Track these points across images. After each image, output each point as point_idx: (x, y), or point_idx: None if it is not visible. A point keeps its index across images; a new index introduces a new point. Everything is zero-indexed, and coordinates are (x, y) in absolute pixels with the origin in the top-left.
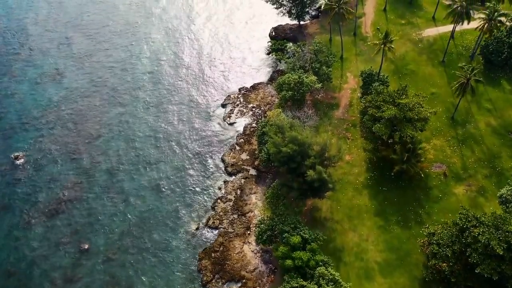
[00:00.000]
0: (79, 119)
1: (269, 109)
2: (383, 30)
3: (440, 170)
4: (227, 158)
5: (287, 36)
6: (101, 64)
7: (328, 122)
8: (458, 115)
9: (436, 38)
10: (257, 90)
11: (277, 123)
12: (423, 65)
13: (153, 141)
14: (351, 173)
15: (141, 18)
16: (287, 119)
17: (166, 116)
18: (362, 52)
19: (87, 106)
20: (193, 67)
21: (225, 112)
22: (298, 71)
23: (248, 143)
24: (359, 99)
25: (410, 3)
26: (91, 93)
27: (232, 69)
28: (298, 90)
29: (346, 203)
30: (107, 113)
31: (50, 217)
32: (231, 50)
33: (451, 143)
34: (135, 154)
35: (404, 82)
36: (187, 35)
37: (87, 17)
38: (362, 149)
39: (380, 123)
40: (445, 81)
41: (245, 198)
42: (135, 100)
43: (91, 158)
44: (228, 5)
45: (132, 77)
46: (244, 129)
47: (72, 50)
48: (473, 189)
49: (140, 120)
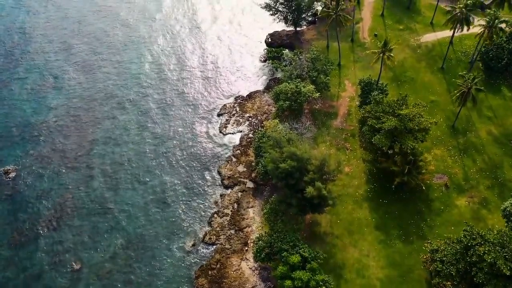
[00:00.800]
0: (72, 131)
1: (266, 118)
2: (381, 35)
3: (442, 181)
4: (223, 171)
5: (284, 42)
6: (93, 73)
7: (327, 132)
8: (459, 123)
9: (435, 43)
10: (254, 98)
11: (275, 136)
12: (422, 72)
13: (147, 154)
14: (350, 185)
15: (134, 24)
16: (284, 131)
17: (160, 127)
18: (360, 59)
19: (79, 118)
20: (188, 76)
21: (221, 122)
22: (295, 80)
23: (245, 155)
24: (357, 108)
25: (408, 8)
26: (83, 104)
27: (227, 77)
28: (296, 100)
29: (346, 216)
30: (99, 125)
31: (41, 235)
32: (226, 58)
33: (452, 153)
34: (128, 168)
35: (403, 90)
36: (181, 44)
37: (84, 23)
38: (361, 160)
39: (380, 134)
40: (445, 88)
41: (242, 212)
42: (128, 111)
43: (84, 172)
44: (223, 11)
45: (126, 87)
46: (241, 140)
47: (65, 59)
48: (475, 200)
49: (134, 132)
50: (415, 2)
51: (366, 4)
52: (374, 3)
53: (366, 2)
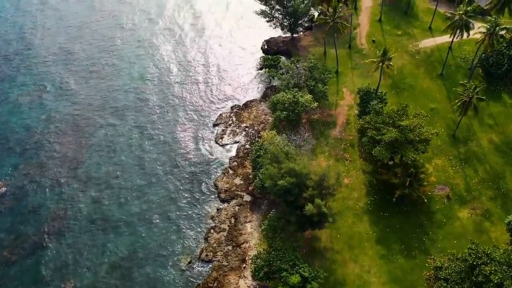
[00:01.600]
0: (63, 144)
1: (263, 128)
2: (379, 41)
3: (443, 192)
4: (220, 183)
5: (280, 49)
6: (87, 81)
7: (325, 142)
8: (460, 132)
9: (434, 49)
10: (250, 108)
11: (272, 151)
12: (421, 78)
13: (140, 167)
14: (350, 198)
15: (127, 34)
16: (282, 142)
17: (156, 138)
18: (358, 66)
19: (73, 127)
20: (183, 85)
21: (217, 132)
22: (293, 90)
23: (242, 166)
24: (356, 117)
25: (405, 12)
26: (78, 113)
27: (223, 86)
28: (293, 110)
29: (346, 230)
30: (92, 136)
31: (32, 252)
32: (222, 66)
33: (453, 163)
34: (122, 181)
35: (402, 97)
36: (176, 53)
37: (83, 29)
38: (361, 171)
39: (380, 146)
40: (445, 95)
41: (239, 228)
42: (123, 122)
43: (76, 185)
44: (218, 18)
45: (118, 97)
46: (237, 151)
47: (61, 67)
48: (478, 212)
49: (127, 143)
50: (413, 7)
51: (364, 9)
52: (372, 8)
53: (363, 7)
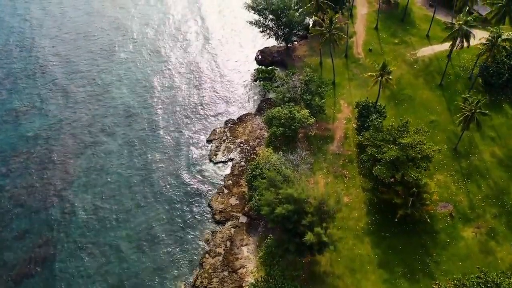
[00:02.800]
0: (50, 164)
1: (258, 144)
2: (376, 50)
3: (446, 210)
4: (214, 204)
5: (275, 59)
6: (75, 96)
7: (323, 158)
8: (461, 145)
9: (432, 58)
10: (245, 122)
11: (269, 175)
12: (420, 89)
13: (131, 186)
14: (350, 218)
15: (118, 42)
16: (278, 160)
17: (146, 157)
18: (355, 76)
19: (58, 148)
20: (175, 99)
21: (211, 149)
22: (289, 104)
23: (237, 185)
24: (354, 131)
25: (402, 20)
26: (65, 131)
27: (217, 99)
28: (290, 126)
29: (347, 253)
30: (80, 155)
31: (19, 281)
32: (215, 78)
33: (455, 178)
34: (111, 202)
35: (401, 109)
36: (167, 64)
37: (76, 41)
38: (360, 189)
39: (380, 165)
40: (444, 106)
41: (235, 252)
42: (111, 139)
43: (63, 209)
44: (210, 28)
45: (107, 112)
46: (232, 169)
47: (46, 83)
48: (483, 231)
49: (116, 163)
50: (409, 14)
51: (359, 16)
52: (367, 15)
53: (359, 15)
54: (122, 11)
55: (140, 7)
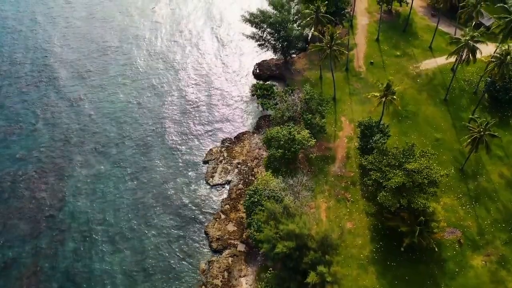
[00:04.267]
0: (39, 187)
1: (257, 165)
2: (377, 63)
3: (454, 236)
4: (211, 230)
5: (273, 73)
6: (65, 114)
7: (324, 180)
8: (468, 165)
9: (436, 71)
10: (242, 141)
11: (268, 207)
12: (424, 104)
13: (124, 211)
14: (354, 245)
15: (110, 57)
16: (278, 186)
17: (140, 179)
18: (356, 91)
19: (48, 169)
20: (169, 115)
21: (207, 170)
22: (289, 123)
23: (235, 210)
24: (356, 150)
25: (403, 30)
26: (54, 150)
27: (213, 116)
28: (289, 148)
29: (351, 285)
30: (71, 177)
31: None
32: (210, 92)
33: (463, 201)
34: (102, 229)
35: (405, 126)
36: (162, 79)
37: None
38: (364, 213)
39: (385, 191)
40: (450, 123)
41: (234, 283)
42: (103, 159)
43: (53, 236)
44: (205, 40)
45: (99, 130)
46: (230, 192)
47: (34, 99)
48: (493, 259)
49: (108, 185)
50: (411, 24)
51: (359, 27)
52: (368, 26)
53: (359, 25)
54: (110, 25)
55: (128, 20)
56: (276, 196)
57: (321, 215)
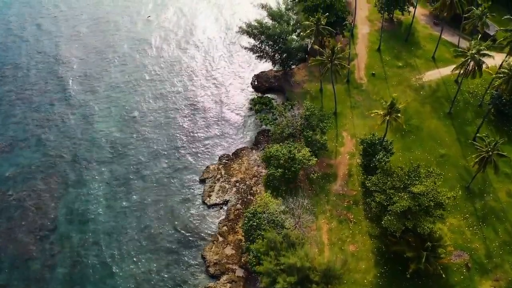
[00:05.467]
0: (30, 207)
1: (256, 183)
2: (379, 74)
3: (461, 260)
4: (208, 254)
5: (272, 85)
6: (56, 128)
7: (326, 200)
8: (474, 183)
9: (439, 83)
10: (241, 157)
11: (268, 236)
12: (428, 118)
13: (115, 235)
14: (357, 270)
15: (105, 70)
16: (278, 209)
17: (133, 199)
18: (357, 104)
19: (40, 188)
20: (164, 129)
21: (204, 189)
22: (288, 141)
23: (233, 232)
24: (358, 167)
25: (405, 40)
26: (44, 169)
27: (210, 131)
28: (289, 167)
29: None
30: (63, 197)
31: None
32: (207, 106)
33: (469, 222)
34: (94, 254)
35: (408, 141)
36: (156, 88)
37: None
38: (367, 235)
39: (390, 215)
40: (454, 138)
41: None
42: (96, 178)
43: (44, 260)
44: (201, 51)
45: (91, 147)
46: (228, 213)
47: (25, 112)
48: (502, 284)
49: (102, 205)
50: (413, 33)
51: (360, 36)
52: (369, 35)
53: (360, 34)
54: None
55: (124, 31)
56: (276, 221)
57: (322, 237)
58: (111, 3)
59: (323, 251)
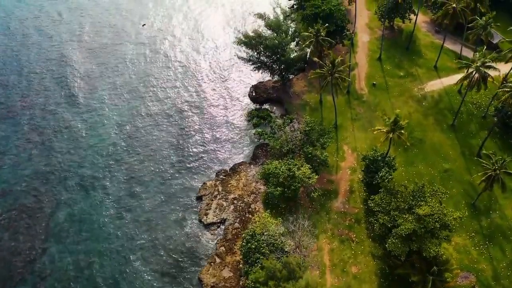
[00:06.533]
0: (19, 227)
1: (254, 200)
2: (380, 84)
3: (468, 282)
4: (205, 277)
5: (270, 96)
6: (47, 144)
7: (327, 218)
8: (479, 199)
9: (441, 93)
10: (238, 173)
11: (268, 266)
12: (431, 130)
13: (111, 256)
14: None
15: (98, 84)
16: (278, 231)
17: (124, 218)
18: (358, 116)
19: (28, 207)
20: (159, 142)
21: (201, 207)
22: (288, 157)
23: (231, 253)
24: (360, 183)
25: (407, 48)
26: (35, 187)
27: (207, 145)
28: (289, 186)
29: None
30: (54, 215)
31: None
32: (204, 119)
33: (475, 241)
34: (87, 278)
35: (411, 155)
36: (152, 104)
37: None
38: (370, 256)
39: (394, 238)
40: (458, 152)
41: None
42: (89, 195)
43: (34, 283)
44: (198, 62)
45: (83, 163)
46: (225, 232)
47: (13, 127)
48: None
49: (95, 225)
50: (415, 41)
51: (360, 44)
52: (369, 43)
53: (360, 42)
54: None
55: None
56: (276, 244)
57: (324, 258)
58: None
59: (324, 273)
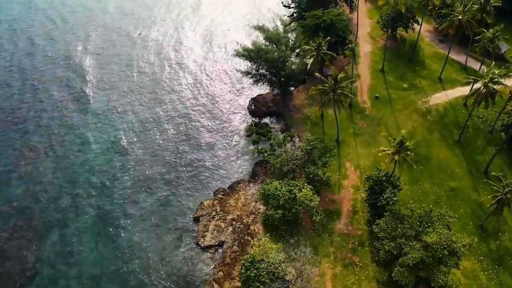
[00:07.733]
0: (9, 247)
1: (253, 221)
2: (383, 97)
3: None
4: None
5: (270, 110)
6: (39, 163)
7: (329, 241)
8: (488, 221)
9: (447, 107)
10: (237, 192)
11: None
12: (436, 146)
13: (103, 283)
14: None
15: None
16: (278, 258)
17: (118, 241)
18: (361, 131)
19: (21, 227)
20: (155, 160)
21: (198, 229)
22: (288, 178)
23: (229, 278)
24: (363, 202)
25: (410, 59)
26: (26, 206)
27: (204, 162)
28: (290, 208)
29: None
30: (46, 236)
31: None
32: (201, 134)
33: (484, 265)
34: None
35: (416, 173)
36: (145, 115)
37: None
38: (375, 282)
39: (401, 267)
40: (465, 169)
41: None
42: (81, 216)
43: None
44: (196, 73)
45: (77, 179)
46: (223, 256)
47: (5, 138)
48: None
49: (88, 248)
50: (418, 51)
51: (362, 55)
52: (371, 54)
53: (362, 53)
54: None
55: None
56: (276, 273)
57: (326, 285)
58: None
59: None
